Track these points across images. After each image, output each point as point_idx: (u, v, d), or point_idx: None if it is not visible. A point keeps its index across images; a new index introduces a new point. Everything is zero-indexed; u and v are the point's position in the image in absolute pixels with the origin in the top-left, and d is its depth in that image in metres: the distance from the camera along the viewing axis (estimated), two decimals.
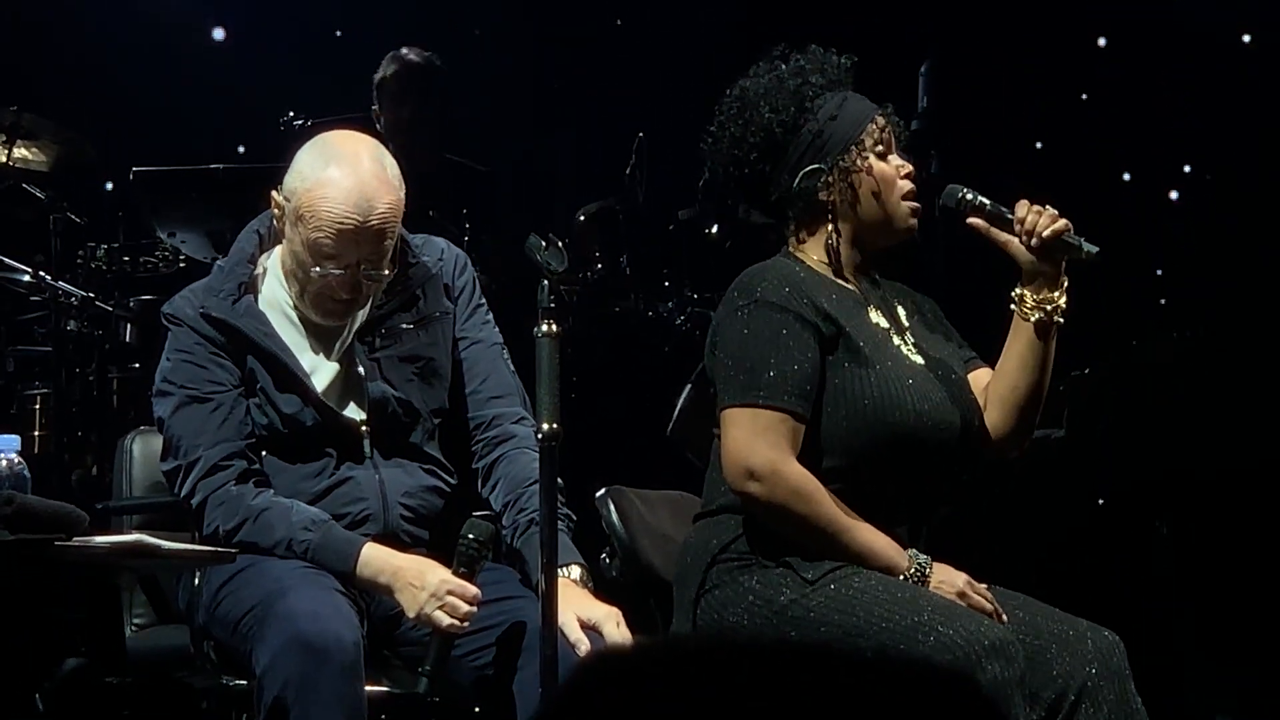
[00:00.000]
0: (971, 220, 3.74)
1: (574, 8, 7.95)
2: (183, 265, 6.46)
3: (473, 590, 3.60)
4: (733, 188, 3.81)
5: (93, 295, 6.35)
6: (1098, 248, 3.66)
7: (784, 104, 3.71)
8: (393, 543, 3.74)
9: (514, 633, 3.65)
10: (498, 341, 3.98)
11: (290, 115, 6.49)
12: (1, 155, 6.49)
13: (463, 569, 3.62)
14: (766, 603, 3.55)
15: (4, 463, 3.51)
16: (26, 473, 3.53)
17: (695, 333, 6.31)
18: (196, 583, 3.81)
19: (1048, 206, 3.68)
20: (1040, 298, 3.70)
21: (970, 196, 3.74)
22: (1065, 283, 3.71)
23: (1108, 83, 7.71)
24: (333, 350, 3.86)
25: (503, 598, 3.69)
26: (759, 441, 3.53)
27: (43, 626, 3.55)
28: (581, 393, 6.25)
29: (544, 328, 3.42)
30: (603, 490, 4.00)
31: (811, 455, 3.57)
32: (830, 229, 3.74)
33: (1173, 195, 7.88)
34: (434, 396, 3.90)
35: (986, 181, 3.81)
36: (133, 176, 6.25)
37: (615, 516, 3.95)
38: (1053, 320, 3.71)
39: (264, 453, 3.81)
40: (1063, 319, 3.72)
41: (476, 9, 7.95)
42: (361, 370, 3.85)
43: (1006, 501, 5.53)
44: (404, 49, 6.63)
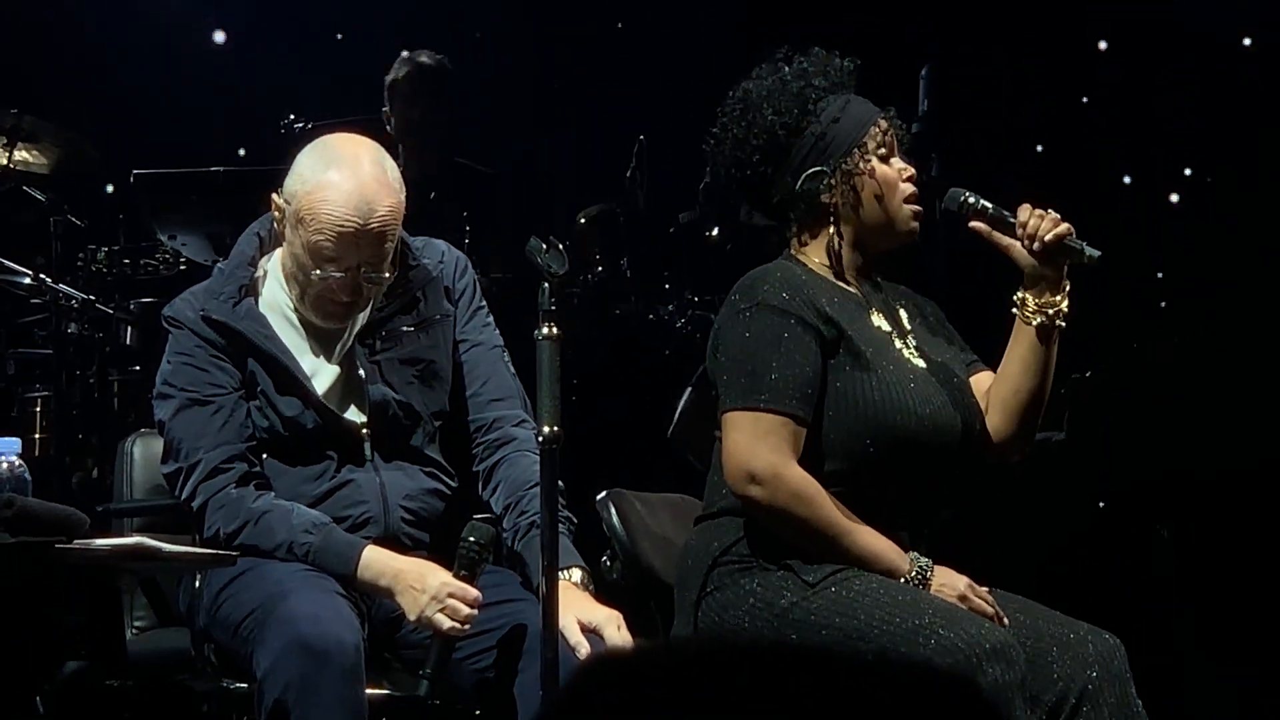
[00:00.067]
0: (973, 224, 3.73)
1: (574, 8, 7.95)
2: (183, 268, 6.46)
3: (473, 593, 3.60)
4: (735, 190, 3.81)
5: (93, 298, 6.35)
6: (1100, 252, 3.66)
7: (787, 106, 3.71)
8: (393, 545, 3.74)
9: (515, 635, 3.65)
10: (498, 344, 3.97)
11: (291, 118, 6.50)
12: (2, 158, 6.49)
13: (463, 572, 3.62)
14: (767, 605, 3.55)
15: (4, 465, 3.51)
16: (27, 475, 3.52)
17: (696, 335, 6.31)
18: (197, 585, 3.80)
19: (1050, 210, 3.67)
20: (1042, 302, 3.70)
21: (972, 200, 3.74)
22: (1067, 287, 3.70)
23: (1108, 85, 7.71)
24: (333, 353, 3.85)
25: (503, 600, 3.69)
26: (760, 445, 3.53)
27: (43, 629, 3.54)
28: (582, 395, 6.24)
29: (545, 330, 3.42)
30: (603, 493, 3.99)
31: (813, 459, 3.57)
32: (832, 232, 3.74)
33: (1173, 198, 7.88)
34: (435, 399, 3.89)
35: (987, 184, 3.80)
36: (133, 179, 6.26)
37: (616, 519, 3.95)
38: (1055, 324, 3.71)
39: (265, 455, 3.81)
40: (1065, 323, 3.71)
41: (476, 10, 7.95)
42: (362, 373, 3.85)
43: (1008, 505, 5.53)
44: (415, 51, 6.63)
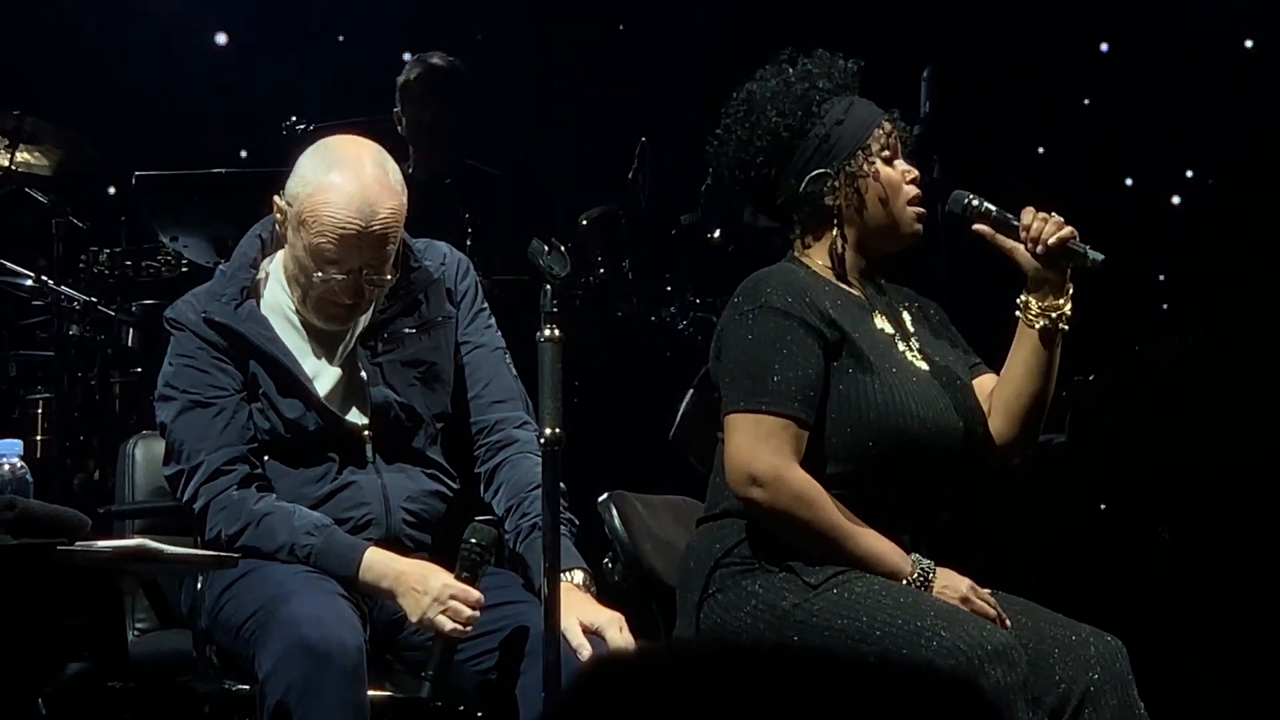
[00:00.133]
0: (977, 227, 3.73)
1: (574, 8, 7.94)
2: (185, 270, 6.46)
3: (475, 595, 3.60)
4: (738, 191, 3.81)
5: (95, 300, 6.35)
6: (1103, 255, 3.65)
7: (790, 108, 3.71)
8: (395, 547, 3.73)
9: (516, 637, 3.65)
10: (500, 346, 3.97)
11: (292, 120, 6.49)
12: (4, 159, 6.49)
13: (465, 573, 3.62)
14: (769, 607, 3.55)
15: (6, 467, 3.51)
16: (29, 477, 3.52)
17: (697, 337, 6.31)
18: (199, 587, 3.80)
19: (1053, 214, 3.67)
20: (1045, 305, 3.70)
21: (976, 203, 3.74)
22: (1070, 290, 3.70)
23: (1109, 87, 7.71)
24: (335, 355, 3.85)
25: (505, 602, 3.69)
26: (762, 447, 3.53)
27: (45, 631, 3.54)
28: (584, 397, 6.24)
29: (546, 332, 3.42)
30: (605, 495, 3.99)
31: (815, 461, 3.57)
32: (835, 234, 3.74)
33: (1175, 200, 7.88)
34: (436, 401, 3.89)
35: (988, 186, 3.81)
36: (135, 181, 6.25)
37: (618, 521, 3.95)
38: (1057, 327, 3.70)
39: (266, 457, 3.81)
40: (1068, 326, 3.71)
41: (477, 10, 7.94)
42: (364, 375, 3.85)
43: (1010, 507, 5.53)
44: (427, 52, 6.63)
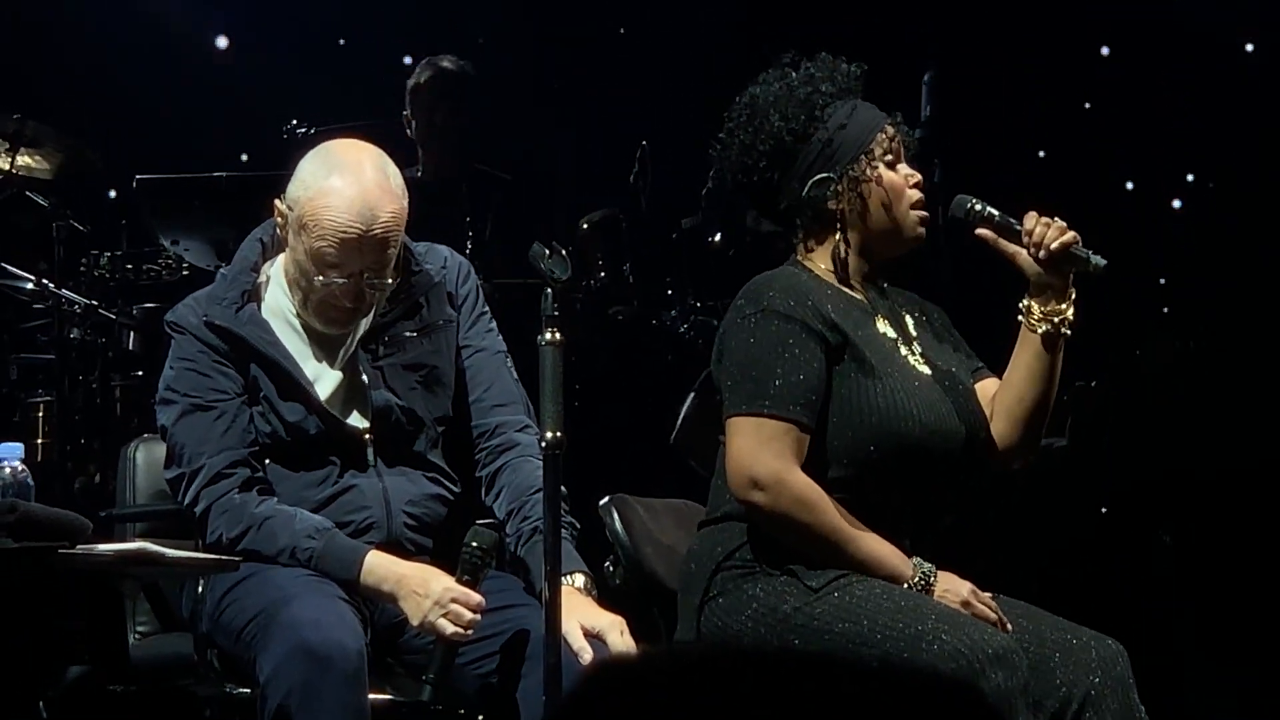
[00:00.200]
0: (980, 231, 3.73)
1: (574, 8, 7.94)
2: (186, 273, 6.46)
3: (476, 598, 3.60)
4: (741, 196, 3.81)
5: (96, 303, 6.35)
6: (1106, 261, 3.65)
7: (794, 112, 3.71)
8: (396, 551, 3.73)
9: (518, 641, 3.65)
10: (501, 349, 3.97)
11: (293, 123, 6.50)
12: (5, 163, 6.49)
13: (466, 577, 3.62)
14: (770, 611, 3.55)
15: (7, 470, 3.51)
16: (30, 480, 3.52)
17: (698, 341, 6.30)
18: (200, 591, 3.80)
19: (1056, 219, 3.67)
20: (1048, 310, 3.70)
21: (979, 207, 3.74)
22: (1073, 295, 3.70)
23: (1110, 91, 7.71)
24: (336, 358, 3.85)
25: (506, 606, 3.69)
26: (764, 451, 3.53)
27: (46, 634, 3.54)
28: (584, 401, 6.24)
29: (547, 336, 3.42)
30: (606, 498, 3.99)
31: (817, 465, 3.57)
32: (838, 238, 3.74)
33: (1175, 203, 7.88)
34: (437, 405, 3.89)
35: (989, 189, 3.81)
36: (136, 184, 6.25)
37: (619, 525, 3.95)
38: (1060, 332, 3.70)
39: (267, 461, 3.81)
40: (1070, 331, 3.71)
41: (477, 12, 7.94)
42: (365, 378, 3.85)
43: (1011, 510, 5.53)
44: (437, 55, 6.63)
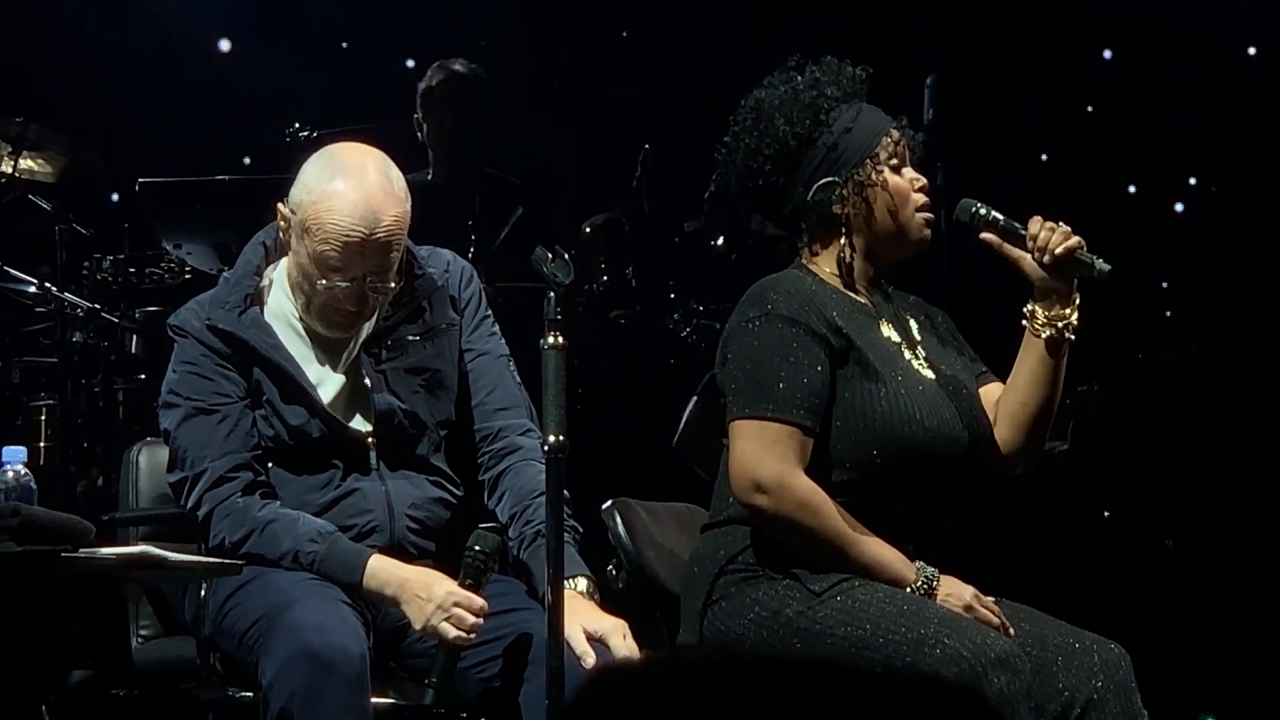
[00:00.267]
0: (984, 235, 3.73)
1: (574, 8, 7.93)
2: (188, 277, 6.45)
3: (479, 602, 3.60)
4: (746, 200, 3.81)
5: (98, 306, 6.35)
6: (1111, 266, 3.65)
7: (799, 116, 3.71)
8: (399, 554, 3.74)
9: (520, 644, 3.65)
10: (504, 353, 3.97)
11: (296, 126, 6.50)
12: (8, 166, 6.49)
13: (469, 581, 3.62)
14: (773, 615, 3.55)
15: (10, 474, 3.51)
16: (32, 484, 3.52)
17: (700, 344, 6.31)
18: (203, 594, 3.80)
19: (1061, 223, 3.67)
20: (1052, 314, 3.70)
21: (984, 211, 3.74)
22: (1077, 299, 3.70)
23: (1112, 94, 7.71)
24: (339, 362, 3.85)
25: (509, 609, 3.69)
26: (767, 454, 3.53)
27: (48, 638, 3.54)
28: (587, 404, 6.24)
29: (550, 340, 3.43)
30: (609, 502, 3.99)
31: (820, 468, 3.57)
32: (844, 242, 3.73)
33: (1178, 206, 7.88)
34: (440, 408, 3.89)
35: (992, 193, 3.81)
36: (138, 188, 6.24)
37: (621, 528, 3.94)
38: (1064, 337, 3.70)
39: (270, 464, 3.81)
40: (1074, 336, 3.71)
41: (478, 15, 7.93)
42: (368, 382, 3.85)
43: (1014, 515, 5.53)
44: (449, 59, 6.63)
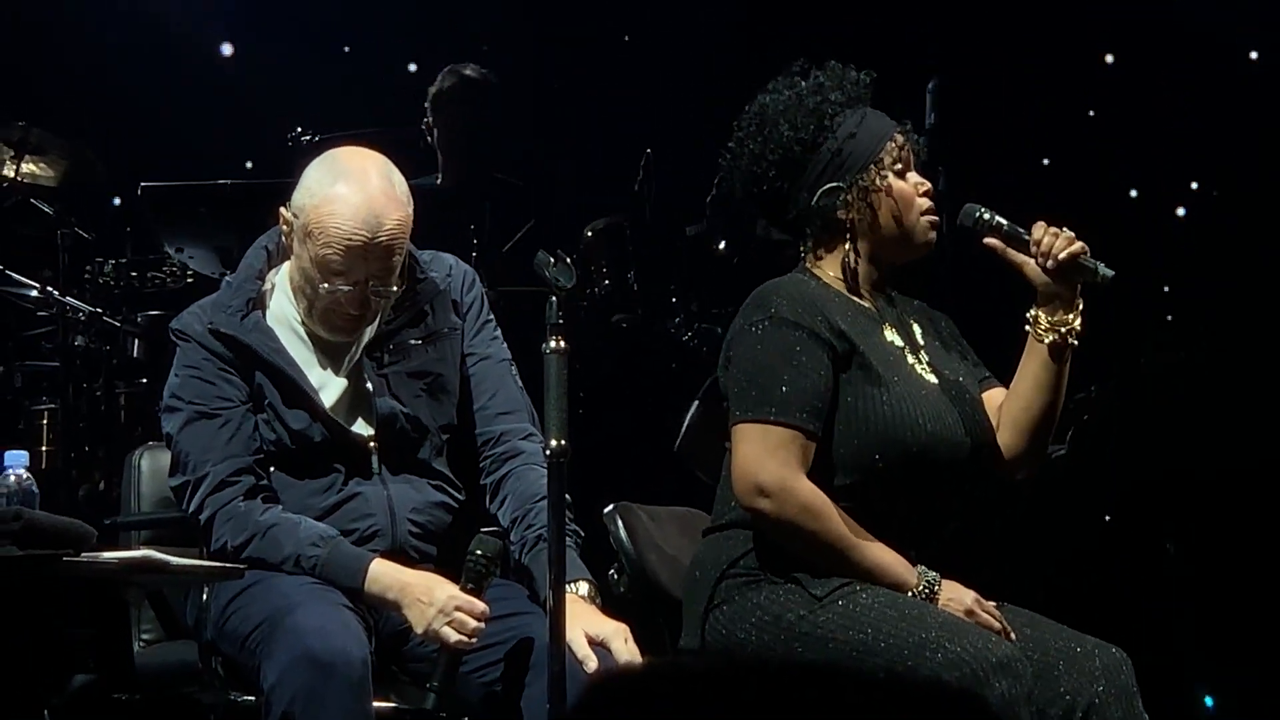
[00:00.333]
0: (988, 240, 3.73)
1: (574, 8, 7.93)
2: (190, 281, 6.46)
3: (481, 606, 3.60)
4: (751, 205, 3.81)
5: (100, 310, 6.36)
6: (1114, 272, 3.66)
7: (803, 121, 3.71)
8: (401, 559, 3.74)
9: (522, 649, 3.65)
10: (506, 357, 3.98)
11: (298, 131, 6.51)
12: (10, 170, 6.50)
13: (470, 585, 3.62)
14: (775, 619, 3.55)
15: (12, 478, 3.51)
16: (34, 488, 3.52)
17: (702, 349, 6.31)
18: (205, 598, 3.80)
19: (1064, 229, 3.67)
20: (1055, 319, 3.70)
21: (987, 216, 3.74)
22: (1080, 305, 3.70)
23: (1114, 98, 7.71)
24: (341, 366, 3.86)
25: (511, 614, 3.69)
26: (769, 458, 3.53)
27: (51, 642, 3.54)
28: (589, 408, 6.24)
29: (552, 344, 3.43)
30: (610, 506, 3.99)
31: (823, 472, 3.57)
32: (848, 247, 3.73)
33: (1180, 211, 7.88)
34: (442, 412, 3.90)
35: (994, 197, 3.81)
36: (140, 192, 6.25)
37: (623, 533, 3.95)
38: (1067, 342, 3.71)
39: (272, 468, 3.81)
40: (1077, 341, 3.71)
41: (479, 18, 7.92)
42: (370, 386, 3.85)
43: (1016, 519, 5.52)
44: (460, 64, 6.63)
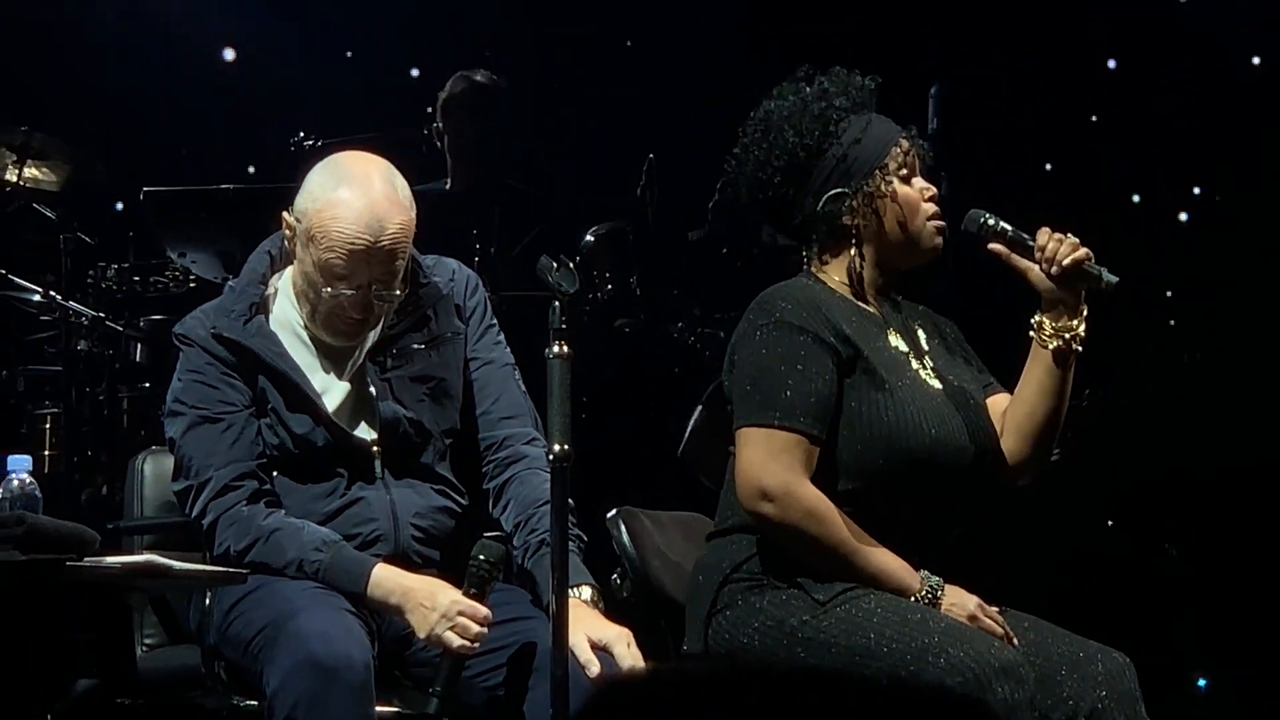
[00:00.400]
0: (992, 246, 3.73)
1: (574, 9, 7.92)
2: (193, 285, 6.47)
3: (483, 611, 3.60)
4: (756, 211, 3.81)
5: (103, 315, 6.36)
6: (1118, 278, 3.66)
7: (808, 127, 3.71)
8: (404, 563, 3.74)
9: (525, 653, 3.65)
10: (509, 362, 3.98)
11: (301, 135, 6.51)
12: (12, 175, 6.51)
13: (473, 590, 3.62)
14: (777, 624, 3.55)
15: (15, 482, 3.51)
16: (37, 493, 3.53)
17: (705, 353, 6.31)
18: (207, 603, 3.81)
19: (1069, 234, 3.67)
20: (1059, 325, 3.70)
21: (992, 222, 3.74)
22: (1085, 311, 3.70)
23: (1117, 103, 7.71)
24: (344, 370, 3.86)
25: (513, 618, 3.69)
26: (773, 462, 3.53)
27: (54, 647, 3.54)
28: (591, 413, 6.24)
29: (555, 349, 3.43)
30: (613, 511, 3.99)
31: (826, 477, 3.57)
32: (854, 253, 3.73)
33: (1182, 216, 7.88)
34: (445, 417, 3.90)
35: (996, 202, 3.81)
36: (143, 196, 6.26)
37: (626, 537, 3.95)
38: (1071, 348, 3.70)
39: (275, 473, 3.81)
40: (1081, 347, 3.71)
41: (481, 21, 7.92)
42: (373, 390, 3.85)
43: (1019, 525, 5.53)
44: (471, 69, 6.64)
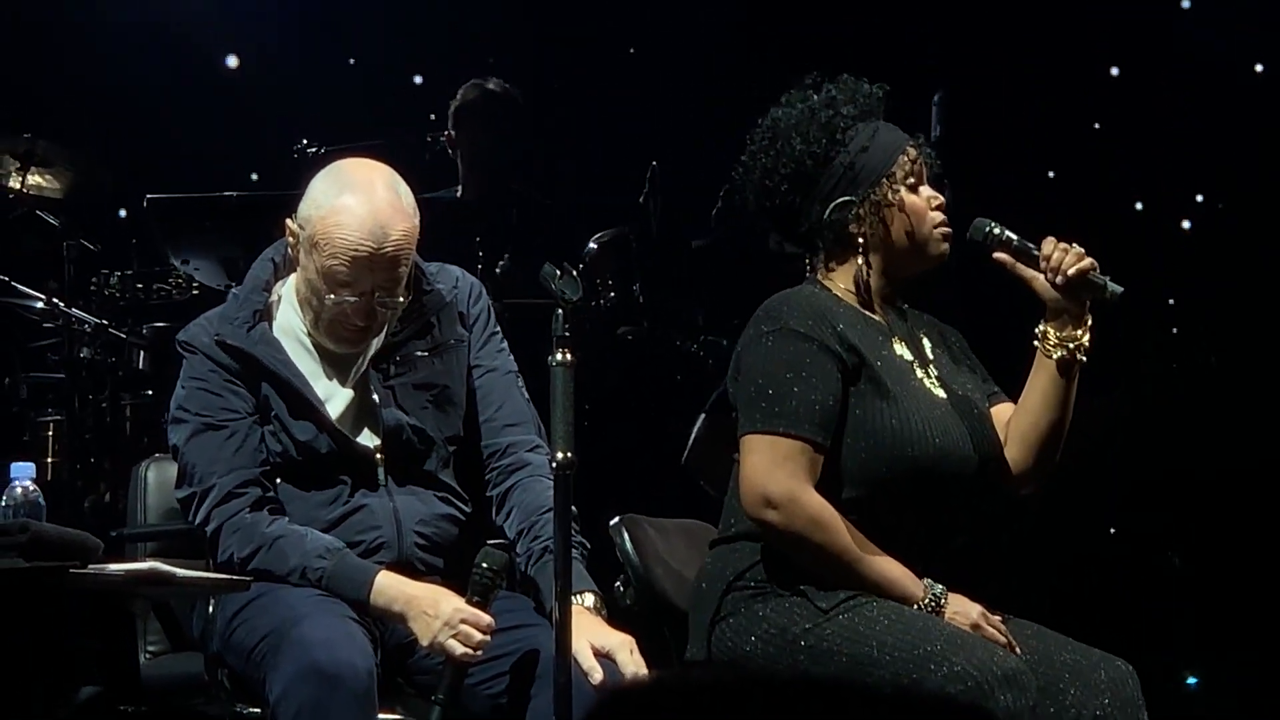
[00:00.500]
0: (997, 255, 3.73)
1: (574, 9, 7.91)
2: (196, 292, 6.46)
3: (486, 619, 3.60)
4: (763, 218, 3.81)
5: (106, 322, 6.36)
6: (1123, 288, 3.66)
7: (815, 135, 3.71)
8: (407, 571, 3.74)
9: (528, 661, 3.64)
10: (512, 369, 3.98)
11: (304, 142, 6.51)
12: (16, 182, 6.51)
13: (476, 597, 3.62)
14: (781, 632, 3.55)
15: (18, 490, 3.51)
16: (41, 500, 3.52)
17: (708, 360, 6.30)
18: (211, 610, 3.80)
19: (1074, 244, 3.67)
20: (1063, 335, 3.70)
21: (997, 231, 3.73)
22: (1089, 321, 3.70)
23: (1120, 111, 7.70)
24: (347, 377, 3.86)
25: (516, 626, 3.69)
26: (778, 470, 3.53)
27: (57, 654, 3.54)
28: (594, 420, 6.24)
29: (559, 356, 3.43)
30: (616, 518, 3.99)
31: (830, 485, 3.57)
32: (860, 261, 3.73)
33: (1185, 224, 7.87)
34: (448, 424, 3.89)
35: (998, 211, 3.80)
36: (146, 204, 6.26)
37: (629, 545, 3.94)
38: (1075, 358, 3.70)
39: (278, 480, 3.81)
40: (1085, 357, 3.71)
41: (481, 19, 7.91)
42: (376, 397, 3.85)
43: (1023, 533, 5.52)
44: (484, 78, 6.63)
